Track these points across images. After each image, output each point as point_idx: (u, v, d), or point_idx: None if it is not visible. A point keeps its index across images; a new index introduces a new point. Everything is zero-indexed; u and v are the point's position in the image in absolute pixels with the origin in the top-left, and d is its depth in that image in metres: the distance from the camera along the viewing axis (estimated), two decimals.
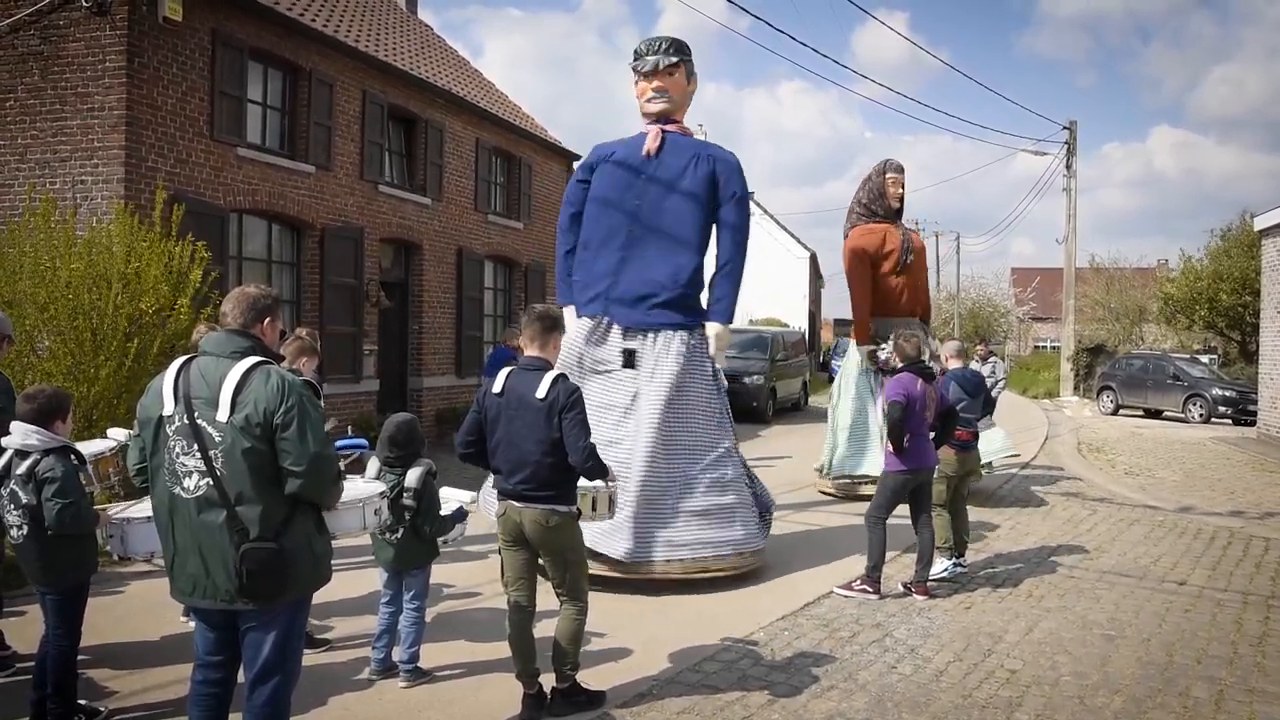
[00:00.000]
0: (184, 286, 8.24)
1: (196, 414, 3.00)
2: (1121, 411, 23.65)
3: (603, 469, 4.21)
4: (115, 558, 4.06)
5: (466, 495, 5.21)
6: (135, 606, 5.83)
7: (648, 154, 7.01)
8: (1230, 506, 10.24)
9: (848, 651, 5.24)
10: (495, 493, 4.37)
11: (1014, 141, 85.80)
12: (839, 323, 46.91)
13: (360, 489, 4.21)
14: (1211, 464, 14.03)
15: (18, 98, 9.52)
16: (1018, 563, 7.41)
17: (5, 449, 4.07)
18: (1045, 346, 52.29)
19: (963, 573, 6.93)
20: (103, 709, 4.19)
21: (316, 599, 3.42)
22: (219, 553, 2.99)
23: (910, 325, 9.91)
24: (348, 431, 9.62)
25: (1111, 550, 7.93)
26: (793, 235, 40.68)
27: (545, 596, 4.45)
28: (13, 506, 3.99)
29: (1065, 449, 15.51)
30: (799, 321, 35.59)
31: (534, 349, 4.32)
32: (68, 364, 7.57)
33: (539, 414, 4.12)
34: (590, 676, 4.57)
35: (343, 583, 5.58)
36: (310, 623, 4.64)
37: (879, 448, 9.89)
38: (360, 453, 6.07)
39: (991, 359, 12.91)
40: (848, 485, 10.18)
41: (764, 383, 18.65)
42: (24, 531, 3.98)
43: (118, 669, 4.75)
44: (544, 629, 4.54)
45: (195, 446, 2.99)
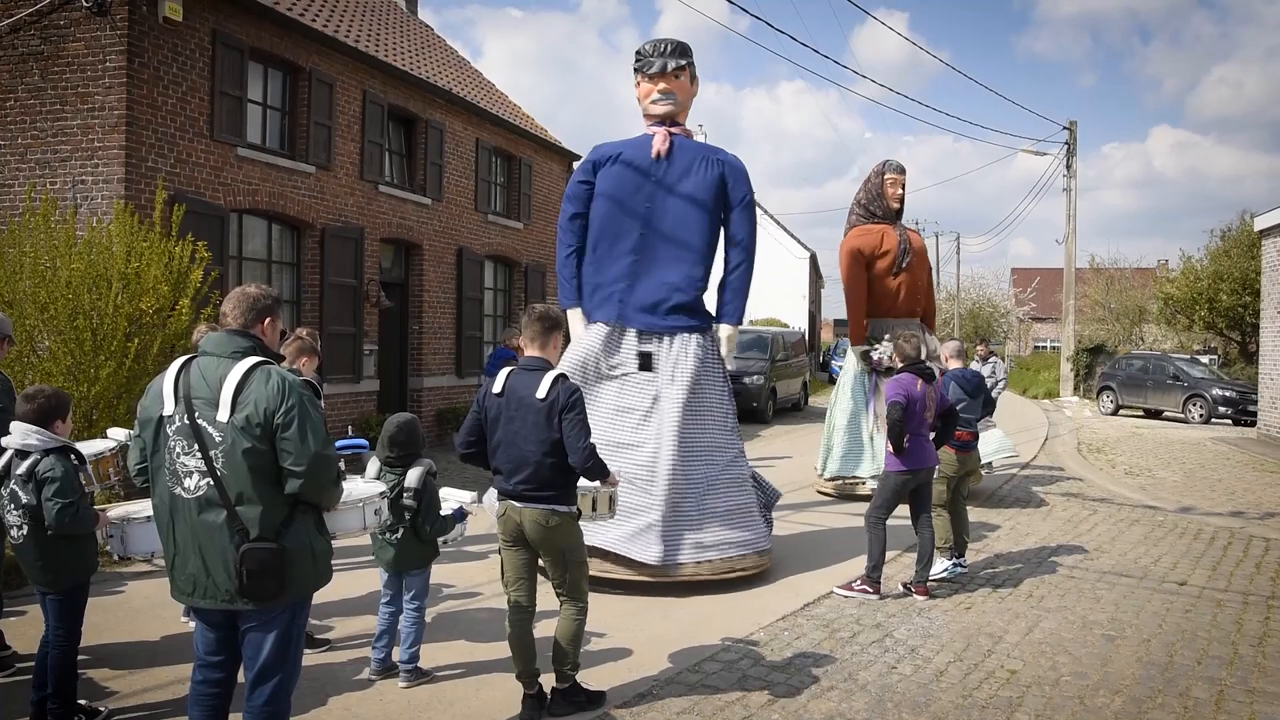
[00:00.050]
0: (184, 287, 8.24)
1: (197, 414, 3.00)
2: (1121, 412, 23.66)
3: (603, 469, 4.21)
4: (115, 558, 4.06)
5: (467, 495, 5.20)
6: (135, 606, 5.84)
7: (657, 156, 6.96)
8: (1230, 507, 10.24)
9: (848, 652, 5.24)
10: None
11: (1014, 142, 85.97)
12: (839, 323, 47.03)
13: (360, 489, 4.21)
14: (1211, 464, 14.03)
15: (18, 98, 9.52)
16: (1018, 563, 7.42)
17: (5, 449, 4.08)
18: (1045, 347, 52.34)
19: (963, 573, 6.93)
20: (103, 709, 4.19)
21: (316, 599, 3.42)
22: (219, 553, 2.99)
23: (909, 326, 9.92)
24: (348, 432, 9.62)
25: (1112, 550, 7.93)
26: (793, 235, 40.72)
27: (546, 597, 4.46)
28: (13, 506, 4.00)
29: (1065, 449, 15.51)
30: (799, 322, 35.62)
31: (534, 349, 4.33)
32: (68, 364, 7.57)
33: (539, 414, 4.13)
34: (590, 677, 4.58)
35: (343, 583, 5.60)
36: (310, 623, 4.65)
37: (869, 449, 9.96)
38: (360, 453, 6.07)
39: (991, 359, 12.90)
40: (843, 486, 10.21)
41: (764, 383, 18.67)
42: (24, 531, 3.99)
43: (118, 669, 4.76)
44: (544, 629, 4.55)
45: (196, 447, 2.99)
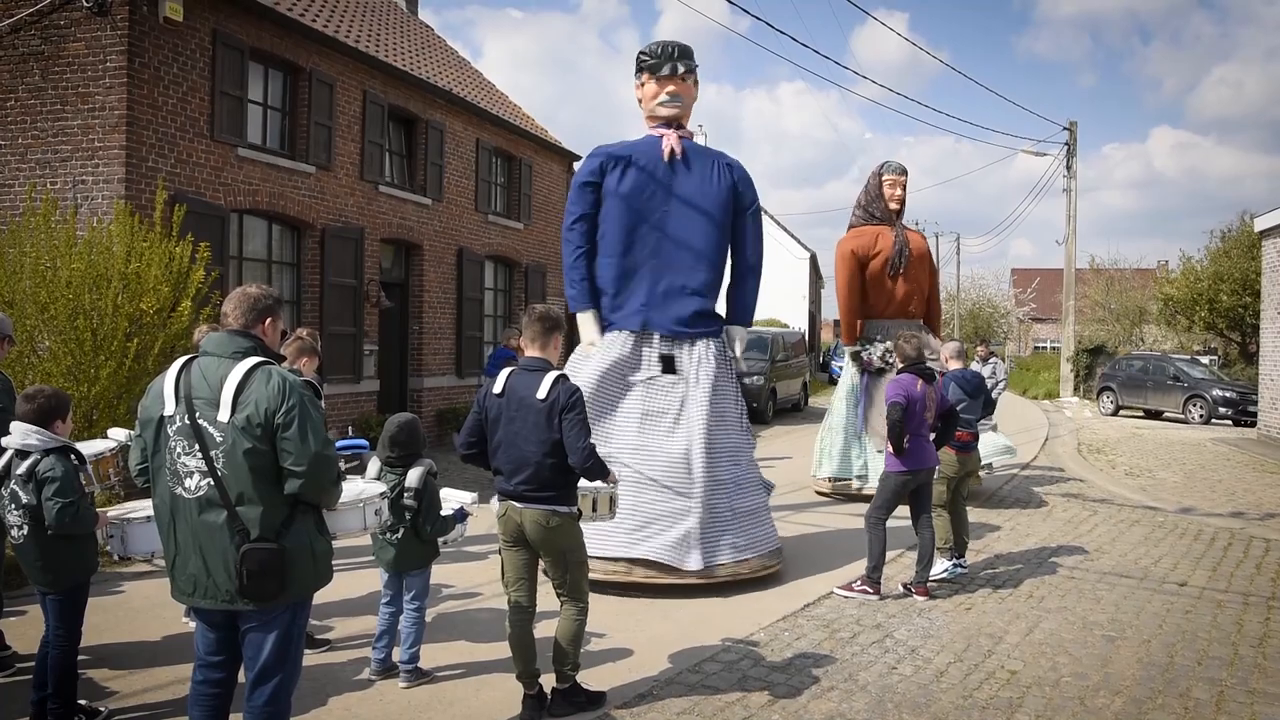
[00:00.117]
0: (185, 287, 8.24)
1: (198, 414, 3.00)
2: (1121, 412, 23.66)
3: (602, 469, 4.21)
4: (115, 558, 4.06)
5: (468, 496, 5.20)
6: (135, 607, 5.84)
7: (670, 160, 6.94)
8: (1231, 507, 10.23)
9: (848, 652, 5.24)
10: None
11: (1014, 142, 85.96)
12: (839, 324, 46.97)
13: (361, 489, 4.21)
14: (1212, 465, 14.03)
15: (19, 98, 9.53)
16: (1018, 564, 7.41)
17: (5, 449, 4.08)
18: (1045, 347, 52.33)
19: (963, 573, 6.93)
20: (103, 709, 4.19)
21: (317, 599, 3.42)
22: (220, 553, 2.99)
23: (909, 327, 9.91)
24: (348, 432, 9.63)
25: (1112, 551, 7.93)
26: (793, 236, 40.74)
27: (546, 597, 4.46)
28: (13, 506, 4.00)
29: (1065, 450, 15.51)
30: (799, 322, 35.63)
31: (534, 349, 4.32)
32: (68, 364, 7.57)
33: (540, 415, 4.13)
34: (590, 677, 4.58)
35: (343, 583, 5.60)
36: (311, 623, 4.65)
37: (858, 450, 10.00)
38: (361, 453, 6.07)
39: (992, 360, 12.89)
40: (839, 486, 10.23)
41: (764, 383, 18.66)
42: (24, 531, 3.99)
43: (118, 669, 4.76)
44: (544, 629, 4.55)
45: (196, 447, 2.99)
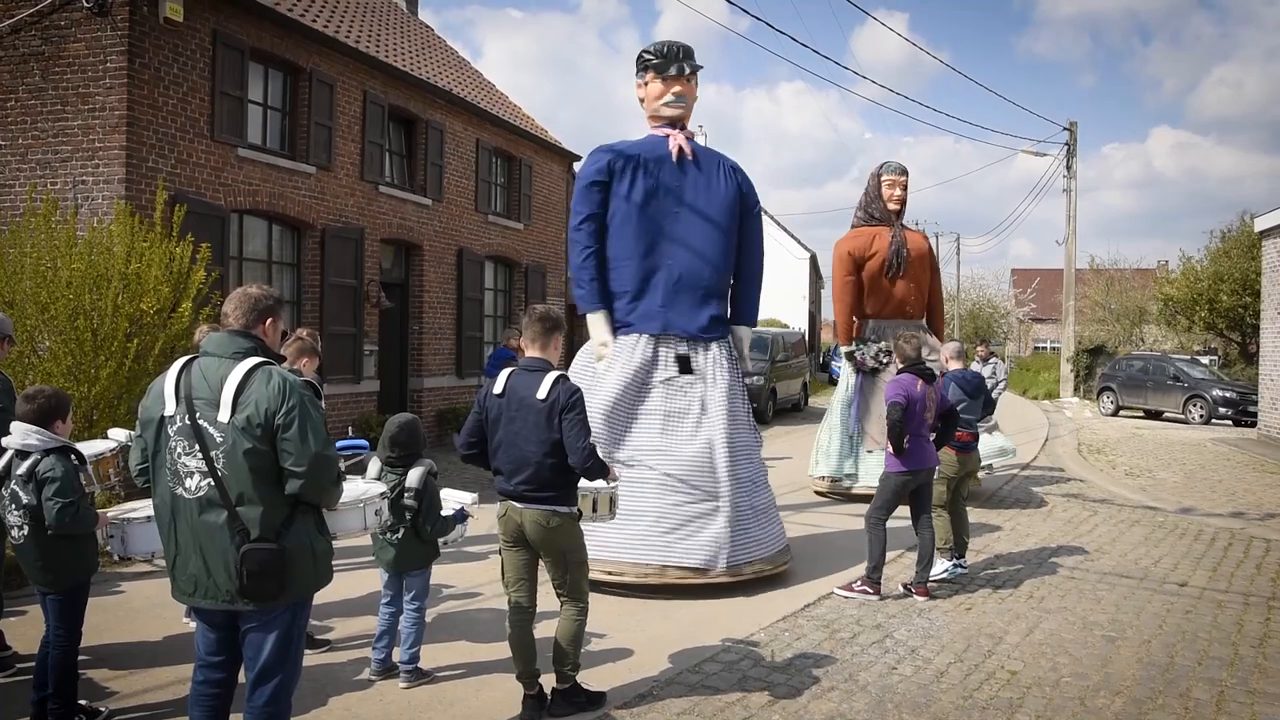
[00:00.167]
0: (185, 287, 8.24)
1: (198, 414, 3.00)
2: (1122, 412, 23.66)
3: (603, 469, 4.21)
4: (115, 558, 4.06)
5: (468, 497, 5.20)
6: (136, 607, 5.84)
7: (679, 160, 6.94)
8: (1231, 508, 10.23)
9: (848, 652, 5.24)
10: None
11: (1014, 142, 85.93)
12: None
13: (361, 489, 4.21)
14: (1212, 465, 14.03)
15: (19, 98, 9.53)
16: (1018, 564, 7.41)
17: (6, 449, 4.08)
18: (1045, 347, 52.32)
19: (963, 574, 6.93)
20: (103, 709, 4.19)
21: (317, 599, 3.41)
22: (220, 553, 2.99)
23: (907, 328, 9.91)
24: (348, 432, 9.63)
25: (1112, 551, 7.93)
26: (793, 236, 40.74)
27: (546, 597, 4.46)
28: (13, 506, 4.00)
29: (1065, 450, 15.51)
30: (799, 322, 35.63)
31: (535, 350, 4.32)
32: (68, 364, 7.57)
33: (540, 415, 4.13)
34: (590, 677, 4.58)
35: (343, 583, 5.60)
36: (311, 623, 4.65)
37: (849, 449, 10.03)
38: (361, 453, 6.07)
39: (992, 360, 12.90)
40: (834, 485, 10.24)
41: (764, 383, 18.66)
42: (24, 532, 3.99)
43: (118, 669, 4.76)
44: (544, 630, 4.55)
45: (197, 447, 2.99)
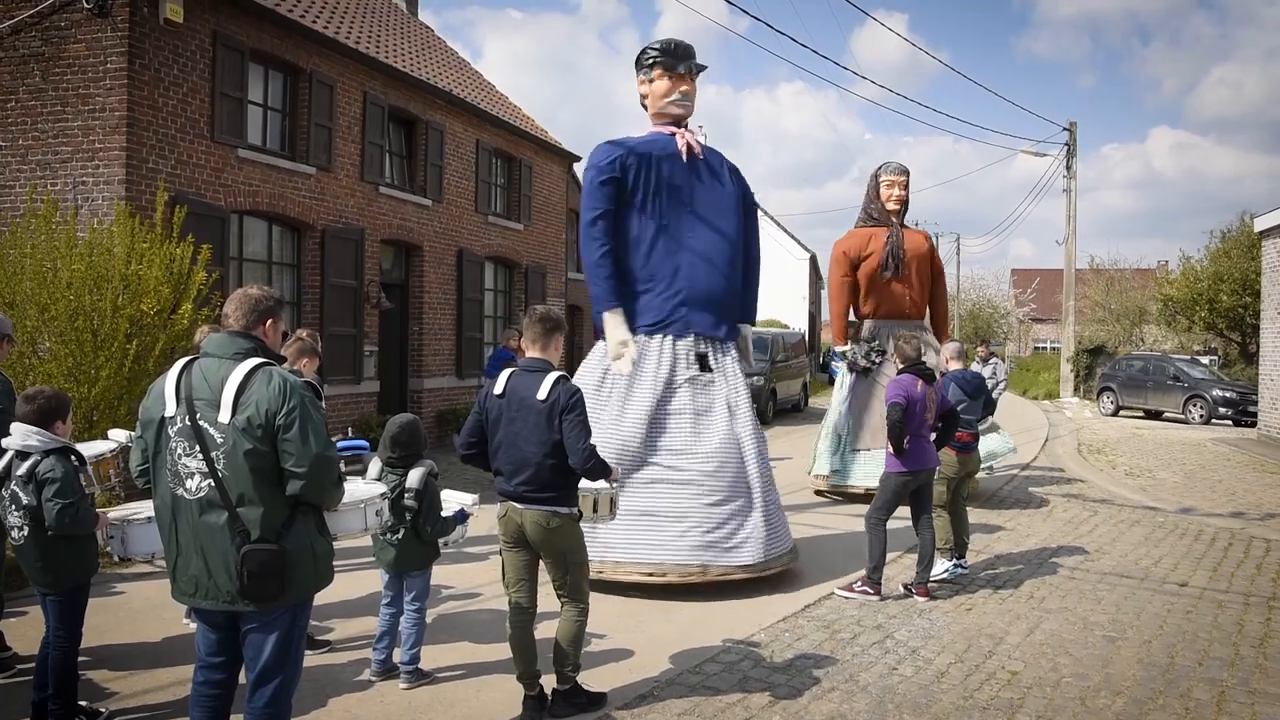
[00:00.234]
0: (185, 288, 8.24)
1: (198, 415, 3.00)
2: (1122, 413, 23.65)
3: (603, 469, 4.21)
4: (116, 559, 4.06)
5: (468, 497, 5.20)
6: (136, 608, 5.84)
7: (689, 158, 6.96)
8: (1231, 508, 10.23)
9: (849, 653, 5.24)
10: None
11: (1014, 143, 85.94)
12: None
13: (361, 490, 4.21)
14: (1212, 465, 14.03)
15: (19, 99, 9.53)
16: (1019, 564, 7.41)
17: (6, 450, 4.08)
18: (1045, 348, 52.31)
19: (963, 574, 6.92)
20: (103, 710, 4.19)
21: (317, 600, 3.41)
22: (221, 554, 2.99)
23: (906, 328, 9.91)
24: (349, 433, 9.63)
25: (1112, 551, 7.93)
26: (793, 236, 40.76)
27: (547, 598, 4.45)
28: (13, 507, 4.00)
29: (1066, 450, 15.51)
30: (799, 323, 35.64)
31: (535, 350, 4.32)
32: (68, 365, 7.57)
33: (540, 415, 4.12)
34: (591, 678, 4.57)
35: (343, 584, 5.59)
36: (311, 624, 4.65)
37: (838, 446, 10.05)
38: (361, 454, 6.07)
39: (992, 360, 12.90)
40: (831, 483, 10.24)
41: (764, 384, 18.66)
42: (25, 532, 3.99)
43: (119, 670, 4.76)
44: (545, 630, 4.55)
45: (197, 448, 2.99)
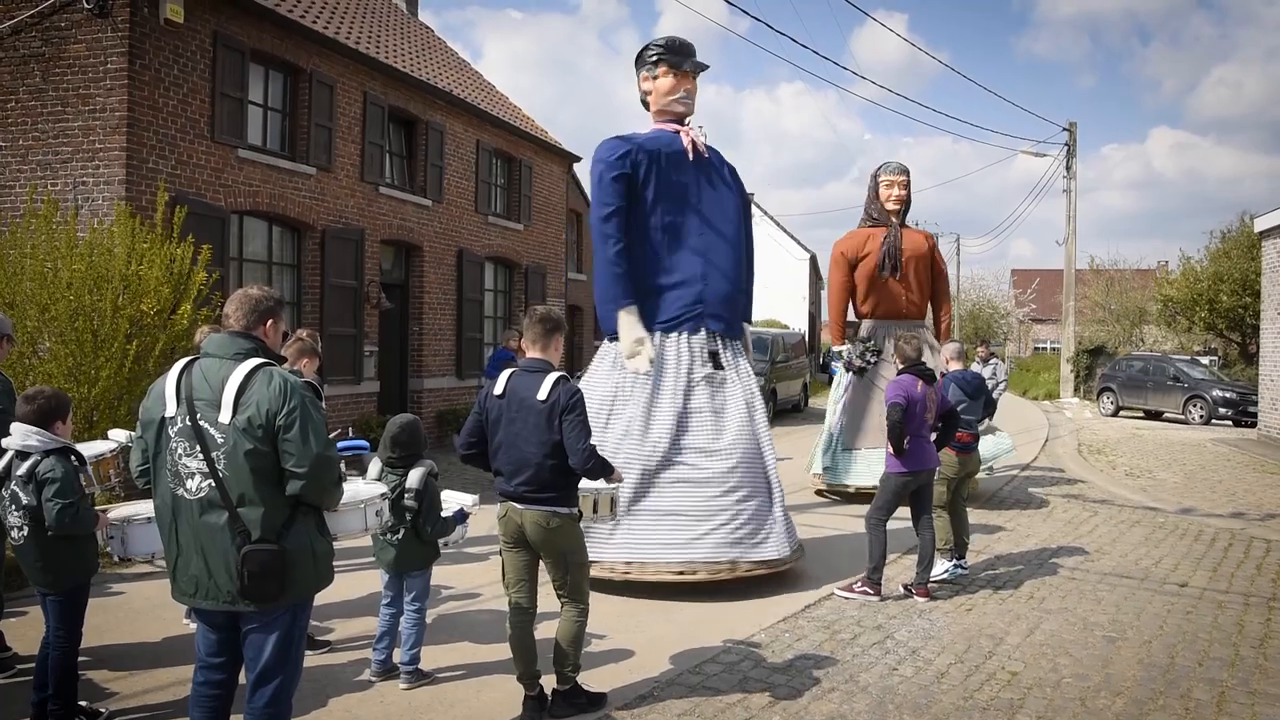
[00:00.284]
0: (185, 289, 8.25)
1: (199, 415, 3.00)
2: (1122, 413, 23.65)
3: (603, 469, 4.21)
4: (116, 559, 4.07)
5: (469, 498, 5.20)
6: (136, 608, 5.84)
7: (694, 156, 6.97)
8: (1231, 508, 10.23)
9: (849, 653, 5.24)
10: None
11: (1014, 143, 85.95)
12: None
13: (362, 490, 4.21)
14: (1212, 465, 14.03)
15: (19, 99, 9.53)
16: (1019, 564, 7.41)
17: (6, 450, 4.08)
18: (1045, 348, 52.31)
19: (963, 574, 6.92)
20: (104, 710, 4.19)
21: (317, 600, 3.41)
22: (221, 554, 2.99)
23: (905, 327, 9.91)
24: (349, 433, 9.63)
25: (1112, 552, 7.93)
26: (792, 237, 40.77)
27: (547, 598, 4.46)
28: (13, 507, 4.00)
29: (1066, 450, 15.51)
30: (799, 323, 35.64)
31: (535, 351, 4.32)
32: (68, 365, 7.57)
33: (540, 416, 4.12)
34: (591, 678, 4.57)
35: (344, 584, 5.59)
36: (311, 624, 4.65)
37: (829, 444, 10.08)
38: (361, 454, 6.07)
39: (992, 360, 12.90)
40: (826, 481, 10.25)
41: (764, 384, 18.66)
42: (24, 532, 3.99)
43: (119, 670, 4.75)
44: (545, 631, 4.55)
45: (198, 448, 2.99)
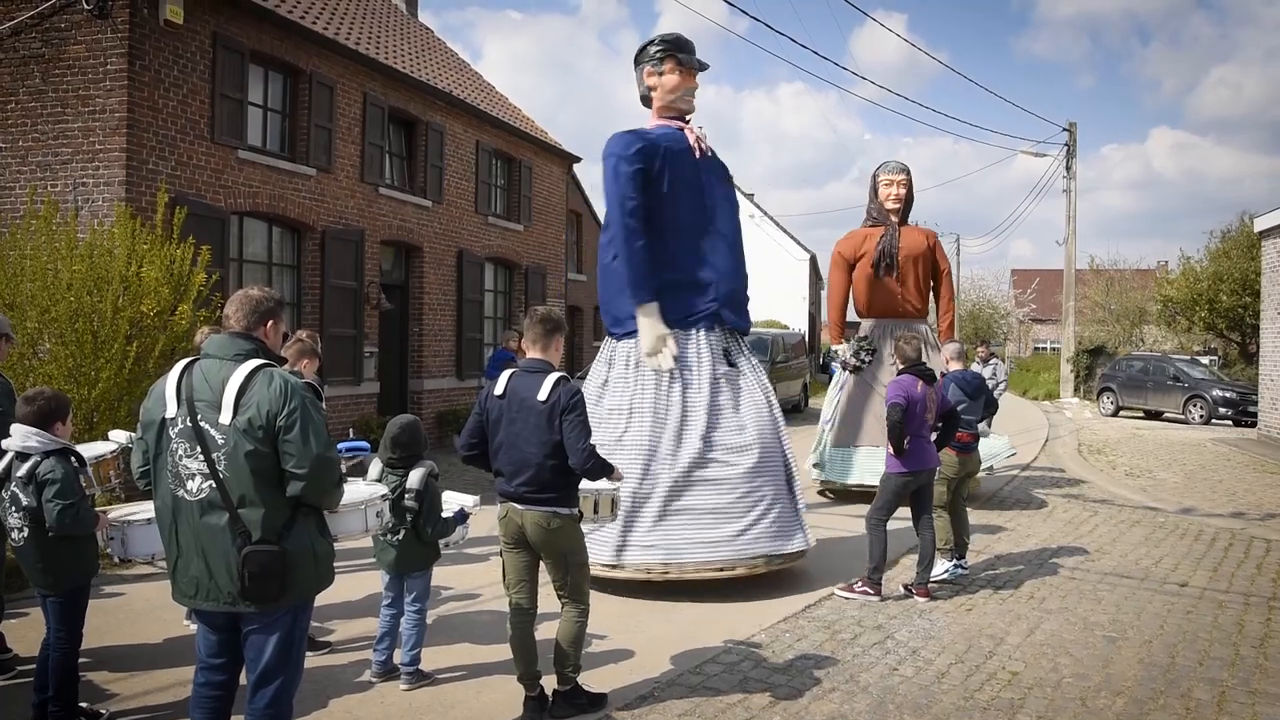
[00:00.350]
0: (185, 290, 8.25)
1: (199, 416, 3.00)
2: (1122, 413, 23.65)
3: (603, 469, 4.21)
4: (116, 560, 4.06)
5: (469, 499, 5.20)
6: (136, 609, 5.84)
7: (700, 152, 7.00)
8: (1231, 508, 10.23)
9: (849, 653, 5.24)
10: None
11: (1013, 143, 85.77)
12: None
13: (362, 491, 4.21)
14: (1212, 465, 14.03)
15: (19, 100, 9.53)
16: (1019, 564, 7.41)
17: (6, 452, 4.08)
18: (1045, 348, 52.32)
19: (964, 574, 6.92)
20: (104, 712, 4.19)
21: (318, 601, 3.41)
22: (221, 555, 2.99)
23: (904, 327, 9.91)
24: (349, 434, 9.63)
25: (1112, 552, 7.93)
26: (792, 237, 40.76)
27: (548, 599, 4.46)
28: (13, 509, 4.00)
29: (1066, 450, 15.51)
30: (799, 323, 35.65)
31: (536, 351, 4.32)
32: (68, 366, 7.57)
33: (540, 416, 4.13)
34: (591, 679, 4.57)
35: (344, 585, 5.59)
36: (312, 625, 4.65)
37: (820, 441, 10.11)
38: (362, 455, 6.07)
39: (992, 360, 12.91)
40: (813, 477, 10.27)
41: None
42: (25, 534, 3.99)
43: (119, 671, 4.76)
44: (545, 631, 4.55)
45: (198, 449, 2.99)
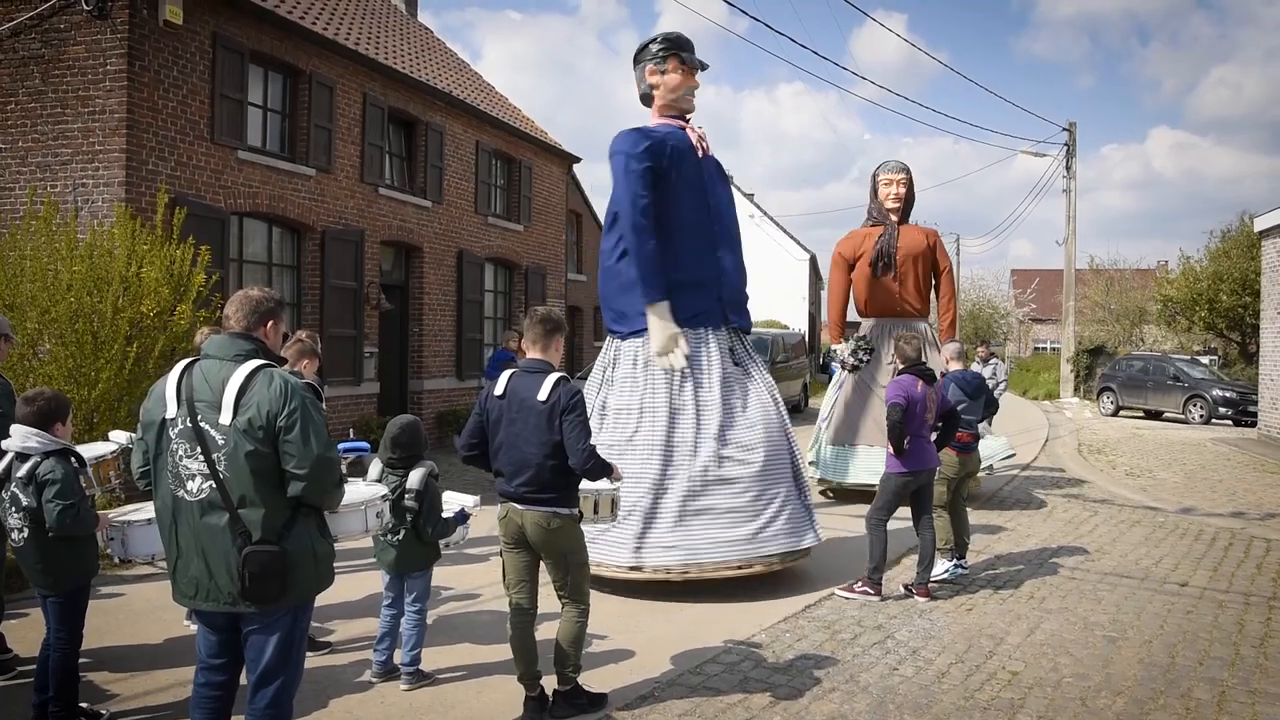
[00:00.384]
0: (185, 290, 8.25)
1: (199, 417, 3.00)
2: (1122, 413, 23.66)
3: (603, 469, 4.21)
4: (116, 561, 4.06)
5: (469, 499, 5.20)
6: (136, 609, 5.84)
7: (701, 152, 7.03)
8: (1231, 508, 10.24)
9: (849, 653, 5.24)
10: None
11: (1013, 143, 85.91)
12: None
13: (362, 491, 4.20)
14: (1212, 465, 14.03)
15: (19, 101, 9.53)
16: (1019, 564, 7.41)
17: (6, 452, 4.08)
18: (1045, 348, 52.31)
19: (964, 574, 6.93)
20: (104, 712, 4.19)
21: (318, 601, 3.41)
22: (222, 555, 2.99)
23: (904, 326, 9.91)
24: (349, 434, 9.63)
25: (1113, 552, 7.93)
26: (792, 237, 40.77)
27: (548, 599, 4.46)
28: (13, 509, 4.00)
29: (1066, 450, 15.51)
30: (799, 323, 35.66)
31: (536, 351, 4.33)
32: (68, 367, 7.57)
33: (540, 416, 4.13)
34: (591, 679, 4.58)
35: (344, 585, 5.60)
36: (312, 625, 4.65)
37: (815, 439, 10.12)
38: (362, 455, 6.07)
39: (992, 360, 12.91)
40: (822, 478, 10.28)
41: None
42: (25, 534, 3.99)
43: (119, 672, 4.76)
44: (546, 631, 4.55)
45: (198, 449, 2.99)
